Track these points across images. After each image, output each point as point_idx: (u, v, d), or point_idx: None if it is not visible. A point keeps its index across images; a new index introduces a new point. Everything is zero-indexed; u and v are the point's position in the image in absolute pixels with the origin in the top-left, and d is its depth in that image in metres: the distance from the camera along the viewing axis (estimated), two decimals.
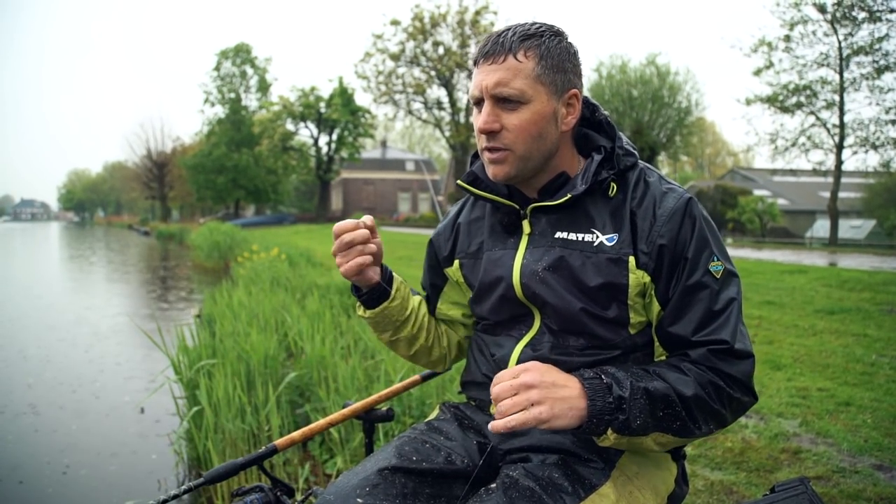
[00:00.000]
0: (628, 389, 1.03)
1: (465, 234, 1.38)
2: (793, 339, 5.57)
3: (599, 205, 1.20)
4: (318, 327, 4.80)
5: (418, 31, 33.85)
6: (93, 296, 12.82)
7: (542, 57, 1.12)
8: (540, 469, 1.11)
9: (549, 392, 1.00)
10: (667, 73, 35.81)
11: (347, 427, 3.26)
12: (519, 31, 1.13)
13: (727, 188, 32.47)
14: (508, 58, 1.12)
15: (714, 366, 1.10)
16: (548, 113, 1.14)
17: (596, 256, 1.16)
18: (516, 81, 1.11)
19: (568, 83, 1.16)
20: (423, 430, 1.29)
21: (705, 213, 1.18)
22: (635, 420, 1.03)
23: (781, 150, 23.88)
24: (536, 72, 1.12)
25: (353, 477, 1.14)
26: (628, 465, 1.16)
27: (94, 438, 4.38)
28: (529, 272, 1.21)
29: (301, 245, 17.42)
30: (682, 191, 1.18)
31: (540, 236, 1.23)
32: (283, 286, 8.20)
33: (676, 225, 1.14)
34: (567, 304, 1.18)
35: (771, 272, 10.16)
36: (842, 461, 2.98)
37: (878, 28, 20.55)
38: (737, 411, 1.13)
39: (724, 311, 1.12)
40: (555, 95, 1.14)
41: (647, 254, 1.14)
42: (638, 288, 1.15)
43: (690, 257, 1.13)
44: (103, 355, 6.89)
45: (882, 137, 21.70)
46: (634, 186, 1.20)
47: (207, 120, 47.60)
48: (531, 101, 1.13)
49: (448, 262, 1.41)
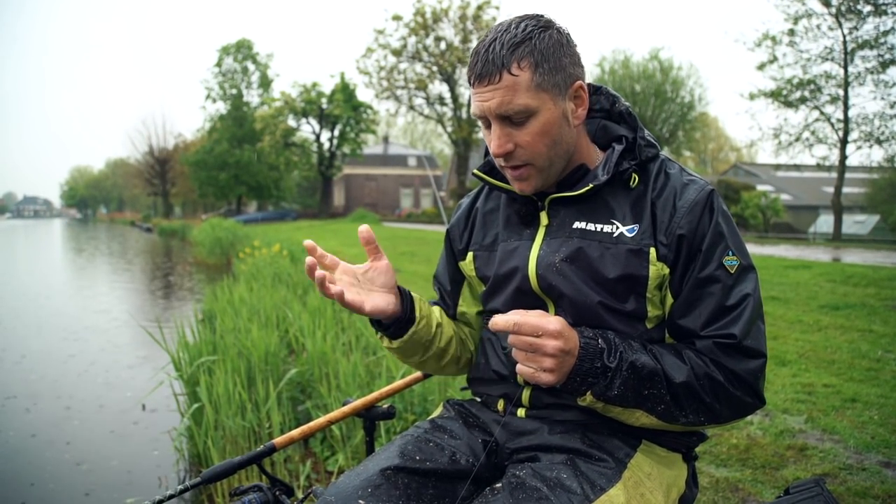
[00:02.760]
0: (616, 360, 1.05)
1: (481, 225, 1.35)
2: (797, 334, 5.53)
3: (620, 196, 1.17)
4: (320, 323, 4.78)
5: (420, 27, 33.77)
6: (94, 292, 12.82)
7: (537, 63, 1.07)
8: (548, 469, 1.08)
9: (561, 365, 1.02)
10: (670, 67, 35.72)
11: (349, 424, 3.23)
12: (506, 41, 1.06)
13: (730, 183, 32.35)
14: (503, 75, 1.06)
15: (717, 359, 1.07)
16: (558, 117, 1.11)
17: (616, 247, 1.14)
18: (518, 98, 1.07)
19: (569, 78, 1.11)
20: (426, 428, 1.25)
21: (725, 207, 1.15)
22: (614, 390, 1.05)
23: (785, 146, 23.77)
24: (536, 81, 1.07)
25: (354, 477, 1.11)
26: (640, 467, 1.12)
27: (94, 435, 4.37)
28: (546, 263, 1.18)
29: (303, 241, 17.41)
30: (703, 182, 1.15)
31: (558, 227, 1.20)
32: (284, 282, 8.18)
33: (696, 217, 1.11)
34: (584, 297, 1.15)
35: (775, 267, 10.11)
36: (848, 458, 2.95)
37: (883, 21, 20.40)
38: (735, 410, 1.09)
39: (738, 307, 1.08)
40: (560, 96, 1.10)
41: (666, 245, 1.11)
42: (658, 280, 1.12)
43: (705, 249, 1.10)
44: (104, 351, 6.88)
45: (887, 132, 21.57)
46: (655, 177, 1.17)
47: (209, 116, 47.68)
48: (538, 111, 1.09)
49: (462, 254, 1.37)
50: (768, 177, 40.11)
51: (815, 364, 4.58)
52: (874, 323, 5.89)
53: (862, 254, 14.01)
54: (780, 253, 13.57)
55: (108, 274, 16.81)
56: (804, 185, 39.26)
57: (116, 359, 6.52)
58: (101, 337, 7.72)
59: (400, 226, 29.82)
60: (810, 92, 22.47)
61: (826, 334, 5.53)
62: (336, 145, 42.63)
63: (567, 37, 1.12)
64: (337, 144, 42.59)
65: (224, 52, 46.64)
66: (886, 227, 26.96)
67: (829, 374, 4.34)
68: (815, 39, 22.12)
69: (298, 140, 42.67)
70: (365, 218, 33.39)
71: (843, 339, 5.31)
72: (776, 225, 29.70)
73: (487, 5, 33.24)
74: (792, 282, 8.49)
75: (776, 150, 24.31)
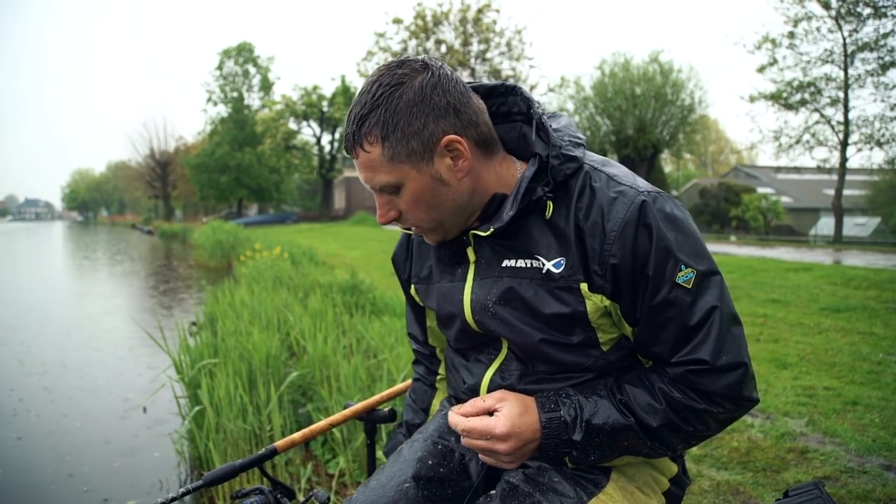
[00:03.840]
0: (583, 432, 1.01)
1: (417, 256, 1.30)
2: (798, 337, 5.53)
3: (540, 226, 1.06)
4: (321, 326, 4.78)
5: (420, 30, 33.79)
6: (96, 294, 12.82)
7: (384, 136, 0.98)
8: (539, 474, 1.08)
9: (521, 454, 1.04)
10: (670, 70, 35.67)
11: (350, 427, 3.23)
12: (356, 113, 0.99)
13: (731, 186, 32.36)
14: (359, 152, 1.01)
15: (694, 386, 1.00)
16: (426, 183, 1.02)
17: (547, 284, 1.05)
18: (378, 175, 1.01)
19: (431, 139, 0.99)
20: (432, 431, 1.27)
21: (668, 211, 1.00)
22: (590, 455, 1.04)
23: (785, 148, 23.81)
24: (387, 155, 0.99)
25: (369, 493, 1.13)
26: (627, 466, 1.12)
27: (96, 437, 4.37)
28: (480, 307, 1.12)
29: (304, 244, 17.44)
30: (633, 193, 1.00)
31: (486, 266, 1.12)
32: (285, 285, 8.18)
33: (629, 239, 0.98)
34: (525, 338, 1.08)
35: (775, 270, 10.11)
36: (850, 461, 2.95)
37: (883, 24, 20.46)
38: (724, 423, 1.05)
39: (703, 325, 0.98)
40: (423, 161, 1.00)
41: (601, 275, 1.01)
42: (599, 311, 1.03)
43: (652, 274, 0.98)
44: (106, 354, 6.88)
45: (887, 134, 21.62)
46: (579, 196, 1.04)
47: (210, 119, 47.76)
48: (403, 182, 1.02)
49: (407, 284, 1.35)
50: (769, 179, 40.12)
51: (815, 367, 4.58)
52: (875, 325, 5.89)
53: (863, 256, 14.01)
54: (781, 255, 13.57)
55: (109, 276, 16.82)
56: (805, 187, 39.26)
57: (117, 361, 6.52)
58: (102, 339, 7.72)
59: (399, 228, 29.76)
60: (810, 94, 22.51)
61: (827, 337, 5.53)
62: (337, 148, 42.68)
63: (429, 86, 0.99)
64: (338, 147, 42.63)
65: (225, 55, 46.74)
66: (887, 229, 26.96)
67: (830, 376, 4.33)
68: (815, 42, 22.24)
69: (299, 143, 42.74)
70: (365, 221, 33.39)
71: (844, 342, 5.31)
72: (777, 227, 29.69)
73: (487, 8, 33.26)
74: (793, 284, 8.49)
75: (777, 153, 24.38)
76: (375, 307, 6.50)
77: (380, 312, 6.28)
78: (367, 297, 6.92)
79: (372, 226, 31.05)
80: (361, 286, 7.38)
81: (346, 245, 17.58)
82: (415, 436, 1.29)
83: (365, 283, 7.72)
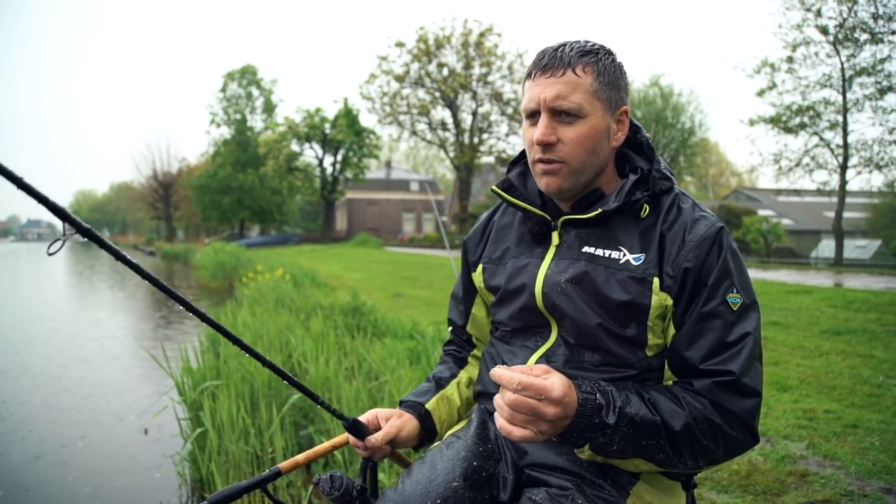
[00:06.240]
0: (616, 417, 1.03)
1: (494, 239, 1.39)
2: (799, 359, 5.53)
3: (630, 224, 1.20)
4: (323, 348, 4.80)
5: (423, 53, 34.17)
6: (97, 316, 12.84)
7: (599, 73, 1.14)
8: (562, 494, 1.11)
9: (559, 423, 1.00)
10: (670, 93, 36.03)
11: (351, 449, 3.24)
12: (576, 48, 1.15)
13: (731, 208, 32.41)
14: (567, 72, 1.13)
15: (716, 400, 1.08)
16: (602, 128, 1.16)
17: (620, 273, 1.16)
18: (575, 95, 1.13)
19: (620, 100, 1.19)
20: (472, 434, 1.27)
21: (734, 245, 1.17)
22: (613, 445, 1.04)
23: (785, 171, 23.87)
24: (594, 87, 1.14)
25: (416, 486, 1.15)
26: (642, 495, 1.16)
27: (97, 459, 4.37)
28: (552, 283, 1.21)
29: (305, 265, 17.46)
30: (714, 219, 1.18)
31: (567, 249, 1.24)
32: (287, 307, 8.21)
33: (704, 252, 1.14)
34: (586, 319, 1.17)
35: (776, 292, 10.11)
36: (850, 484, 2.95)
37: (880, 49, 20.63)
38: (731, 450, 1.11)
39: (737, 344, 1.10)
40: (609, 111, 1.17)
41: (671, 277, 1.14)
42: (659, 310, 1.14)
43: (710, 284, 1.12)
44: (107, 375, 6.89)
45: (886, 157, 21.68)
46: (668, 210, 1.20)
47: (213, 141, 48.00)
48: (588, 115, 1.14)
49: (474, 266, 1.42)
50: (769, 202, 40.19)
51: (816, 390, 4.58)
52: (876, 348, 5.89)
53: (864, 279, 14.00)
54: (782, 278, 13.57)
55: (111, 297, 16.83)
56: (805, 209, 39.32)
57: (120, 383, 6.52)
58: (104, 361, 7.73)
59: (402, 250, 29.87)
60: (810, 118, 22.63)
61: (827, 360, 5.53)
62: (339, 170, 42.86)
63: (624, 69, 1.21)
64: (340, 169, 42.82)
65: (229, 77, 47.17)
66: (888, 251, 26.94)
67: (830, 399, 4.34)
68: (814, 66, 22.33)
69: (301, 164, 42.91)
70: (367, 243, 33.43)
71: (844, 365, 5.31)
72: (778, 250, 29.67)
73: (490, 32, 33.68)
74: (793, 307, 8.49)
75: (777, 176, 24.42)
76: (377, 329, 6.51)
77: (381, 334, 6.29)
78: (368, 318, 6.94)
79: (373, 247, 31.08)
80: (363, 308, 7.40)
81: (347, 266, 17.60)
82: (448, 438, 1.30)
83: (367, 304, 7.74)
